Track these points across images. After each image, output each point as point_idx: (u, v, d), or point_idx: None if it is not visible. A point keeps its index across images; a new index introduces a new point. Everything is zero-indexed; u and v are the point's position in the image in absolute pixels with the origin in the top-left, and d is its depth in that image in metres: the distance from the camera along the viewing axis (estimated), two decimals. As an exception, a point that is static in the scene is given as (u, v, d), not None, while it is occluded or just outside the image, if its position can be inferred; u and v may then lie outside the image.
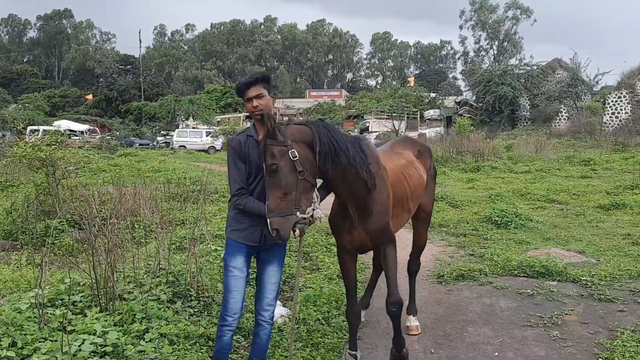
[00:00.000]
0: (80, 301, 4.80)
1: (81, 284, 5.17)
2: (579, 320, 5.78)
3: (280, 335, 5.26)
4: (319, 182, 4.17)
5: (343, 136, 4.16)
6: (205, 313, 5.30)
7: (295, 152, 3.76)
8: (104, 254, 5.07)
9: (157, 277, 5.55)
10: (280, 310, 5.69)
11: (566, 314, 5.97)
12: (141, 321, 4.58)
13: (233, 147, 4.02)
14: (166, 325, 4.62)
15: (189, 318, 5.08)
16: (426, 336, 5.50)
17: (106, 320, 4.41)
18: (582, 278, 6.99)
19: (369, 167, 4.21)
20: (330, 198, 4.39)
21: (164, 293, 5.19)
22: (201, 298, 5.51)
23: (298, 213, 3.71)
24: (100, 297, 4.79)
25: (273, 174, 3.71)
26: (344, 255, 4.71)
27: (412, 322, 5.62)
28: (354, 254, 4.73)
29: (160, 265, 5.76)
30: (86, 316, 4.38)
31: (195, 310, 5.30)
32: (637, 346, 4.96)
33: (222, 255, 6.90)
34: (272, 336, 5.32)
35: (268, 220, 3.68)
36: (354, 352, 4.76)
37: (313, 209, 3.79)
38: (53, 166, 10.69)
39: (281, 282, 4.50)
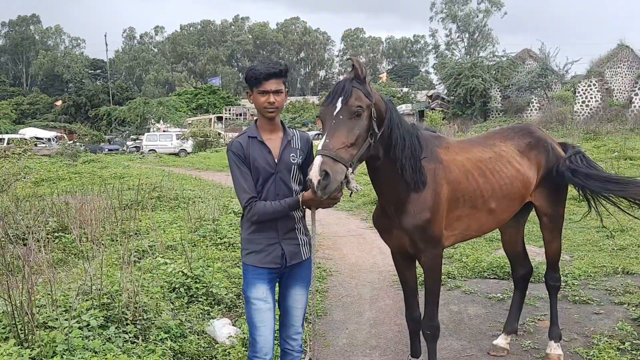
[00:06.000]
0: (-3, 333, 4.24)
1: (1, 311, 4.60)
2: (552, 326, 5.35)
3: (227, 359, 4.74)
4: None
5: (404, 123, 3.73)
6: (141, 338, 4.71)
7: (376, 113, 3.41)
8: (25, 276, 4.52)
9: (89, 299, 4.99)
10: (229, 330, 5.19)
11: (539, 319, 5.55)
12: (62, 354, 4.04)
13: (234, 152, 3.41)
14: (93, 356, 4.09)
15: (122, 345, 4.52)
16: (388, 352, 5.02)
17: (21, 356, 3.88)
18: (555, 278, 6.57)
19: (420, 163, 3.77)
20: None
21: (95, 318, 4.63)
22: (138, 321, 4.93)
23: (350, 170, 3.22)
24: (17, 327, 4.24)
25: (352, 117, 3.29)
26: (394, 256, 4.25)
27: (553, 349, 4.65)
28: (406, 256, 4.14)
29: (94, 285, 5.19)
30: (-2, 351, 3.83)
31: (131, 335, 4.72)
32: (616, 354, 4.54)
33: (169, 270, 6.40)
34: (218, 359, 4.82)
35: (319, 157, 3.13)
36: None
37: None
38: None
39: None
